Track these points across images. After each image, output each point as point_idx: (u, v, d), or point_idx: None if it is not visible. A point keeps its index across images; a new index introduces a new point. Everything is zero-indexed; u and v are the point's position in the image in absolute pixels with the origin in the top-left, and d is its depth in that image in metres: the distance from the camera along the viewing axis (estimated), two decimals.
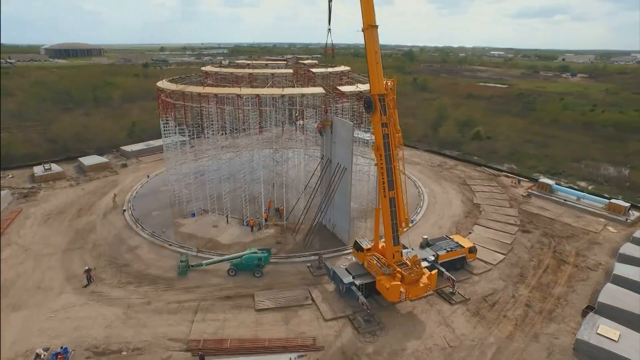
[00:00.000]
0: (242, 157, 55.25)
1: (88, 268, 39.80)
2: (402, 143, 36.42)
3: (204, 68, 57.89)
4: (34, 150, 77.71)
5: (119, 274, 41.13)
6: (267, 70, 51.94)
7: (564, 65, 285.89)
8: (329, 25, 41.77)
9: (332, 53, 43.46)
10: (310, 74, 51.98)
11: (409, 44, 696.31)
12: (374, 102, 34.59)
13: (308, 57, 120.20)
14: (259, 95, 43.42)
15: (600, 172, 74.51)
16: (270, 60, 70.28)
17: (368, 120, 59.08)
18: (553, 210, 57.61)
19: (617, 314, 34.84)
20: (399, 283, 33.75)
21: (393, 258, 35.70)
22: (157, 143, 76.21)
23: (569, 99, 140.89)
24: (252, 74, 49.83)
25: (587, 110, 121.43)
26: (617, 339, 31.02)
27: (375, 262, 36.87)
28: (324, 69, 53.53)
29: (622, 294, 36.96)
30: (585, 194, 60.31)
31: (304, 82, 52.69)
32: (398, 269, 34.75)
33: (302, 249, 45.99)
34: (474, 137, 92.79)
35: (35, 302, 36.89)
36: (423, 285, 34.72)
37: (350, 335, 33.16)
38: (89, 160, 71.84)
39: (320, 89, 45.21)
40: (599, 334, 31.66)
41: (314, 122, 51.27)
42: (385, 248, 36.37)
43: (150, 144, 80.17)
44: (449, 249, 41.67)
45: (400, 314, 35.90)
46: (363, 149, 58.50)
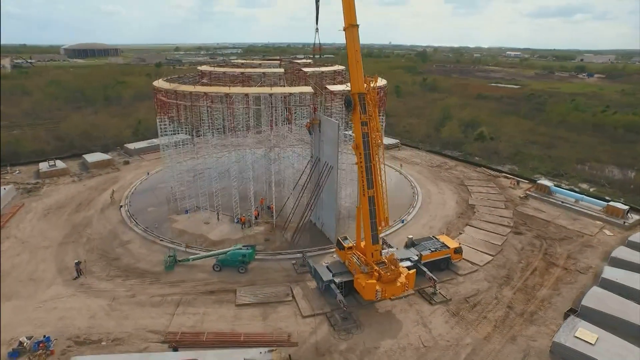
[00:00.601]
0: (232, 155, 56.01)
1: (78, 261, 41.05)
2: (382, 142, 36.54)
3: (200, 67, 58.89)
4: (42, 148, 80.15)
5: (109, 268, 42.29)
6: (258, 70, 52.51)
7: (581, 66, 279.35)
8: (317, 25, 42.17)
9: (319, 52, 43.73)
10: (302, 74, 52.41)
11: (424, 44, 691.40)
12: (354, 100, 34.78)
13: (303, 57, 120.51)
14: (247, 94, 44.05)
15: (605, 174, 72.90)
16: (264, 60, 70.94)
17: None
18: (549, 212, 56.69)
19: (600, 318, 34.27)
20: (375, 281, 33.87)
21: (372, 257, 35.80)
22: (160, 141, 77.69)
23: (581, 100, 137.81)
24: (243, 73, 50.49)
25: (598, 112, 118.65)
26: (594, 343, 30.53)
27: (355, 260, 37.06)
28: (316, 68, 53.89)
29: (607, 298, 36.30)
30: (584, 196, 59.15)
31: (296, 81, 53.16)
32: (375, 268, 34.85)
33: (289, 247, 46.42)
34: (477, 137, 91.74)
35: (27, 292, 38.25)
36: (400, 285, 34.73)
37: (326, 333, 33.43)
38: (93, 158, 73.78)
39: (309, 88, 45.56)
40: (577, 337, 31.19)
41: (306, 121, 51.66)
42: (364, 246, 36.51)
43: (153, 142, 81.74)
44: (433, 249, 41.53)
45: (379, 313, 35.98)
46: None
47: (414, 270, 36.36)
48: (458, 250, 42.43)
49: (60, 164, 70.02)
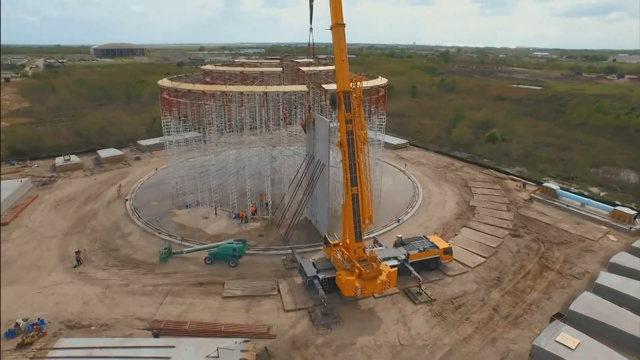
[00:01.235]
0: (231, 153, 57.26)
1: (78, 250, 43.09)
2: (367, 140, 36.73)
3: (204, 67, 60.45)
4: (61, 143, 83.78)
5: (108, 257, 44.17)
6: (257, 69, 53.48)
7: (611, 67, 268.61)
8: (311, 25, 42.75)
9: (312, 51, 44.29)
10: (302, 73, 53.04)
11: (449, 45, 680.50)
12: (338, 98, 35.17)
13: (325, 56, 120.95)
14: (242, 92, 45.06)
15: (619, 178, 70.31)
16: (265, 59, 71.98)
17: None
18: (552, 216, 55.29)
19: (587, 324, 33.49)
20: (354, 278, 34.17)
21: (355, 254, 36.09)
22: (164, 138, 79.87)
23: (605, 102, 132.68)
24: (242, 72, 51.58)
25: (622, 114, 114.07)
26: (574, 348, 29.86)
27: (339, 257, 37.42)
28: (314, 68, 54.45)
29: (597, 303, 35.35)
30: (590, 200, 57.37)
31: (297, 80, 53.83)
32: (357, 265, 35.13)
33: (281, 243, 47.17)
34: (489, 139, 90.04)
35: (29, 278, 40.48)
36: (380, 282, 34.89)
37: (305, 327, 33.96)
38: (106, 153, 76.80)
39: (303, 87, 46.19)
40: (558, 342, 30.55)
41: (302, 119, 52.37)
42: (348, 244, 36.83)
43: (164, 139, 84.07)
44: (422, 249, 41.36)
45: (361, 310, 36.21)
46: None
47: (396, 269, 36.39)
48: (448, 251, 42.09)
49: (75, 159, 73.22)
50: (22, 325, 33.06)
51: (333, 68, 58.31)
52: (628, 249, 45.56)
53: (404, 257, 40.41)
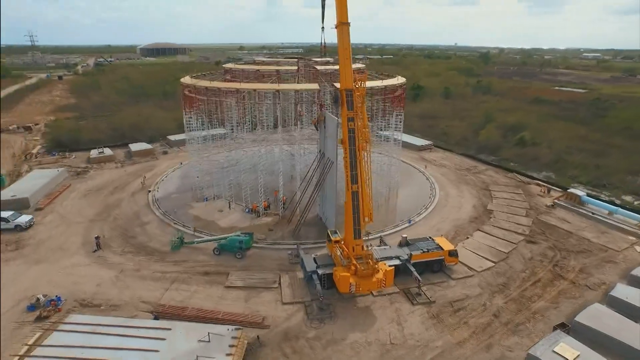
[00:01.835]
0: (248, 150, 58.86)
1: (97, 236, 46.06)
2: (369, 139, 36.84)
3: (225, 65, 62.48)
4: (99, 137, 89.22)
5: (125, 244, 46.86)
6: (272, 67, 54.69)
7: None
8: (322, 24, 43.22)
9: (324, 50, 44.83)
10: (315, 71, 53.71)
11: (492, 46, 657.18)
12: (341, 96, 35.55)
13: (362, 57, 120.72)
14: (255, 90, 46.37)
15: None
16: (285, 58, 73.09)
17: (378, 116, 59.61)
18: (575, 223, 52.72)
19: (592, 336, 32.00)
20: (349, 275, 34.43)
21: (353, 251, 36.33)
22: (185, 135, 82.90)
23: None
24: (259, 70, 52.95)
25: None
26: None
27: (338, 253, 37.78)
28: (331, 67, 54.89)
29: (605, 316, 33.62)
30: (619, 209, 54.11)
31: (314, 79, 54.55)
32: (353, 262, 35.36)
33: (290, 238, 48.07)
34: (518, 142, 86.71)
35: (54, 259, 43.77)
36: (376, 280, 34.93)
37: (300, 320, 34.61)
38: (136, 147, 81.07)
39: (315, 85, 46.81)
40: (555, 352, 29.40)
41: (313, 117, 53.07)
42: (347, 240, 37.12)
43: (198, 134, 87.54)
44: (425, 250, 40.87)
45: (357, 307, 36.39)
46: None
47: (392, 268, 36.26)
48: (453, 253, 41.31)
49: (108, 151, 77.84)
50: (41, 301, 35.93)
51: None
52: None
53: (407, 257, 40.10)
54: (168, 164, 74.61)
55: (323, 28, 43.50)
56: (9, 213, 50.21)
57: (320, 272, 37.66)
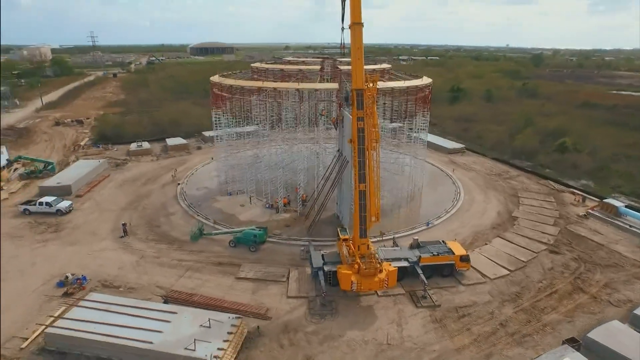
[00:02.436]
0: (273, 147, 60.33)
1: (124, 223, 49.28)
2: (379, 139, 36.86)
3: (253, 64, 64.40)
4: (140, 131, 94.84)
5: (149, 232, 49.83)
6: (296, 67, 55.70)
7: None
8: (342, 24, 43.64)
9: (344, 50, 45.17)
10: (338, 71, 54.10)
11: (547, 47, 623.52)
12: (352, 96, 35.86)
13: (407, 57, 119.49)
14: (276, 89, 47.58)
15: None
16: (313, 58, 73.76)
17: (394, 115, 59.12)
18: (608, 236, 49.50)
19: (604, 354, 30.15)
20: (350, 272, 34.69)
21: (358, 249, 36.54)
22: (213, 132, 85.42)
23: None
24: (283, 70, 54.19)
25: None
26: None
27: (345, 251, 38.12)
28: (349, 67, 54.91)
29: (622, 334, 31.51)
30: None
31: (333, 78, 55.04)
32: (357, 260, 35.55)
33: (305, 235, 48.92)
34: (557, 148, 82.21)
35: (85, 242, 47.46)
36: (378, 280, 34.91)
37: (301, 314, 35.34)
38: (172, 141, 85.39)
39: (335, 85, 47.29)
40: None
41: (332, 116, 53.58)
42: (354, 239, 37.36)
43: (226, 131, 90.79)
44: (435, 253, 40.17)
45: (360, 306, 36.56)
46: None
47: (396, 269, 36.03)
48: (464, 259, 40.29)
49: (146, 145, 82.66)
50: (69, 279, 39.23)
51: (372, 67, 59.09)
52: None
53: (415, 259, 39.65)
54: (200, 159, 78.02)
55: (343, 29, 44.00)
56: (52, 198, 54.87)
57: (327, 268, 38.14)
